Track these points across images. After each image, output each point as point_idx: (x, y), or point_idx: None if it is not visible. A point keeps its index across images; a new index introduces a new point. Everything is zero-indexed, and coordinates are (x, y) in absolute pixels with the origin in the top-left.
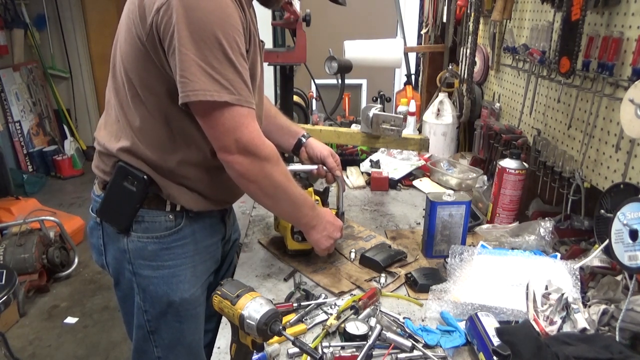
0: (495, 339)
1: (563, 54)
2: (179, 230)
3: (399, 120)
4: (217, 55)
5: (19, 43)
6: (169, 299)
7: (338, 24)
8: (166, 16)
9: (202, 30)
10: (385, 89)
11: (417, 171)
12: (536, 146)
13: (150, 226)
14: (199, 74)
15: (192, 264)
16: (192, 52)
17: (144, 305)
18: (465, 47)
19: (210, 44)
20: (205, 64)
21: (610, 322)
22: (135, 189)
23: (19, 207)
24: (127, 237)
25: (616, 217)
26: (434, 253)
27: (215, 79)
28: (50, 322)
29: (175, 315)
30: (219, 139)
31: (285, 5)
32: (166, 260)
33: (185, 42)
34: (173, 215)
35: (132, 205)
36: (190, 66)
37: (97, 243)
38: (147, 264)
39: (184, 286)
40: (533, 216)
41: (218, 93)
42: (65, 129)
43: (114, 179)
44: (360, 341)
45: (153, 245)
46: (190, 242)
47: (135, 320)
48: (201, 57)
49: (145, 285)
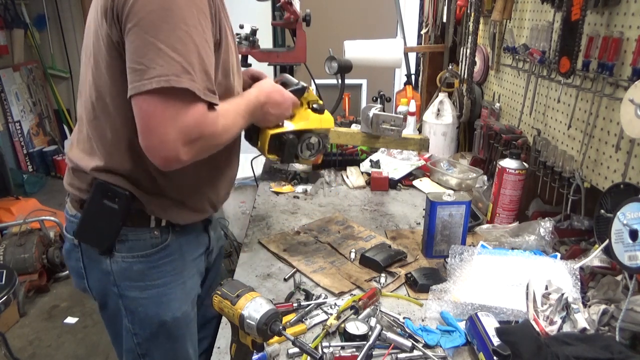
0: (495, 339)
1: (563, 54)
2: (165, 246)
3: (399, 120)
4: (181, 35)
5: (19, 43)
6: (160, 320)
7: (338, 24)
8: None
9: (163, 10)
10: (385, 89)
11: (417, 171)
12: (536, 146)
13: (135, 245)
14: (157, 58)
15: (181, 280)
16: (150, 34)
17: (133, 328)
18: (465, 47)
19: (172, 24)
20: (167, 45)
21: (610, 322)
22: (117, 206)
23: (19, 207)
24: (110, 258)
25: (616, 217)
26: (434, 253)
27: (177, 61)
28: (50, 322)
29: (168, 336)
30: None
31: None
32: (154, 279)
33: (143, 24)
34: (158, 231)
35: (115, 223)
36: (148, 50)
37: (77, 266)
38: (134, 285)
39: (175, 305)
40: (533, 216)
41: (177, 78)
42: (65, 129)
43: (92, 197)
44: (360, 341)
45: (139, 265)
46: (178, 258)
47: (124, 344)
48: (162, 39)
49: (134, 307)
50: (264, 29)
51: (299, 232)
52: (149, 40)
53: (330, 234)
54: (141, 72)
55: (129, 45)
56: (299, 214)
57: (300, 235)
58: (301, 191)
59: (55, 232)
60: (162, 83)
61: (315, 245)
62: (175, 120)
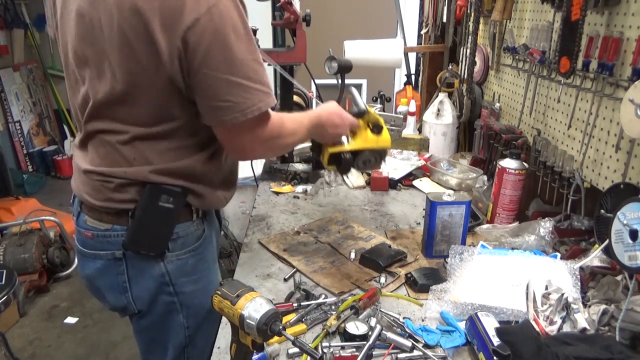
0: (495, 339)
1: (563, 54)
2: (205, 236)
3: (399, 120)
4: (250, 65)
5: (19, 43)
6: (209, 306)
7: (338, 24)
8: (196, 35)
9: (231, 51)
10: (385, 89)
11: (417, 171)
12: (536, 146)
13: (186, 240)
14: (241, 92)
15: (215, 265)
16: (229, 74)
17: (187, 321)
18: (465, 47)
19: (242, 59)
20: (245, 79)
21: (610, 322)
22: (172, 205)
23: (19, 207)
24: (163, 260)
25: (616, 217)
26: (434, 253)
27: (257, 89)
28: (50, 322)
29: (212, 321)
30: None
31: (285, 5)
32: (202, 270)
33: (219, 67)
34: (198, 222)
35: (171, 223)
36: (232, 88)
37: (117, 281)
38: (189, 279)
39: (214, 287)
40: (533, 216)
41: (261, 103)
42: (65, 129)
43: (146, 202)
44: (360, 341)
45: (192, 259)
46: (212, 246)
47: (173, 341)
48: (240, 75)
49: (190, 301)
50: (264, 29)
51: (299, 232)
52: (230, 79)
53: (330, 234)
54: (230, 108)
55: (210, 86)
56: (299, 214)
57: (300, 235)
58: (301, 191)
59: (55, 232)
60: (255, 112)
61: (315, 245)
62: (257, 134)
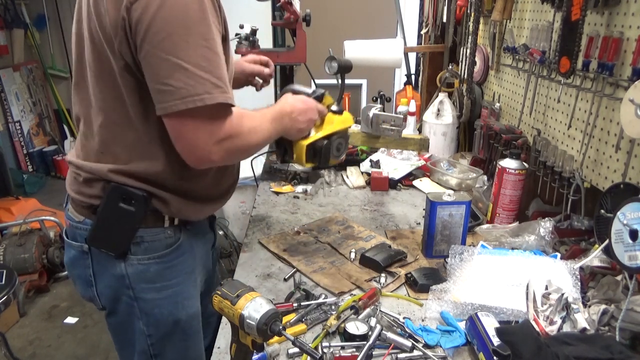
0: (495, 339)
1: (563, 54)
2: (179, 245)
3: (399, 120)
4: (203, 52)
5: (19, 43)
6: (175, 319)
7: (338, 24)
8: (137, 12)
9: (181, 29)
10: (385, 89)
11: (417, 171)
12: (536, 146)
13: (151, 246)
14: (185, 78)
15: (192, 278)
16: (173, 55)
17: (148, 329)
18: (465, 47)
19: (192, 42)
20: (192, 65)
21: (610, 322)
22: (133, 208)
23: (19, 207)
24: (124, 262)
25: (616, 217)
26: (434, 253)
27: (205, 78)
28: (50, 322)
29: (182, 334)
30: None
31: (285, 5)
32: (170, 279)
33: (163, 46)
34: (172, 230)
35: (131, 226)
36: (174, 71)
37: (84, 274)
38: (150, 287)
39: (188, 302)
40: (533, 216)
41: (210, 95)
42: (65, 129)
43: (107, 201)
44: (360, 341)
45: (155, 266)
46: (190, 257)
47: (137, 347)
48: (186, 59)
49: (149, 309)
50: (264, 29)
51: (299, 232)
52: (173, 61)
53: (330, 234)
54: (170, 93)
55: (151, 66)
56: (299, 214)
57: (300, 235)
58: (301, 191)
59: (55, 232)
60: (197, 103)
61: (315, 245)
62: (210, 132)
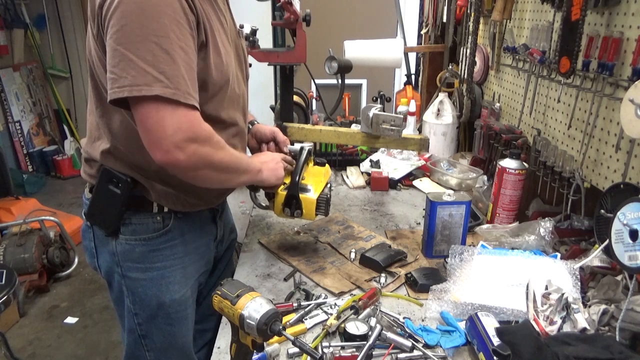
0: (495, 339)
1: (563, 54)
2: (167, 231)
3: (399, 120)
4: (150, 48)
5: (19, 43)
6: (159, 301)
7: (338, 24)
8: (104, 8)
9: (135, 24)
10: (385, 89)
11: (417, 171)
12: (536, 146)
13: (138, 228)
14: (128, 69)
15: (181, 265)
16: (122, 45)
17: (134, 308)
18: (465, 47)
19: (143, 37)
20: (137, 57)
21: (610, 322)
22: (119, 191)
23: (19, 207)
24: (115, 240)
25: (616, 217)
26: (434, 253)
27: (147, 71)
28: (50, 322)
29: (166, 318)
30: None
31: (285, 5)
32: (155, 262)
33: (118, 36)
34: (161, 216)
35: (118, 207)
36: (120, 60)
37: (90, 246)
38: (135, 266)
39: (174, 287)
40: (533, 216)
41: (148, 87)
42: (65, 129)
43: (99, 182)
44: (360, 341)
45: (141, 248)
46: (180, 243)
47: (126, 324)
48: (133, 51)
49: (134, 287)
50: (264, 29)
51: (299, 232)
52: (121, 51)
53: (330, 234)
54: (114, 80)
55: (107, 53)
56: None
57: (300, 235)
58: None
59: (56, 232)
60: (134, 92)
61: (315, 245)
62: (165, 121)
